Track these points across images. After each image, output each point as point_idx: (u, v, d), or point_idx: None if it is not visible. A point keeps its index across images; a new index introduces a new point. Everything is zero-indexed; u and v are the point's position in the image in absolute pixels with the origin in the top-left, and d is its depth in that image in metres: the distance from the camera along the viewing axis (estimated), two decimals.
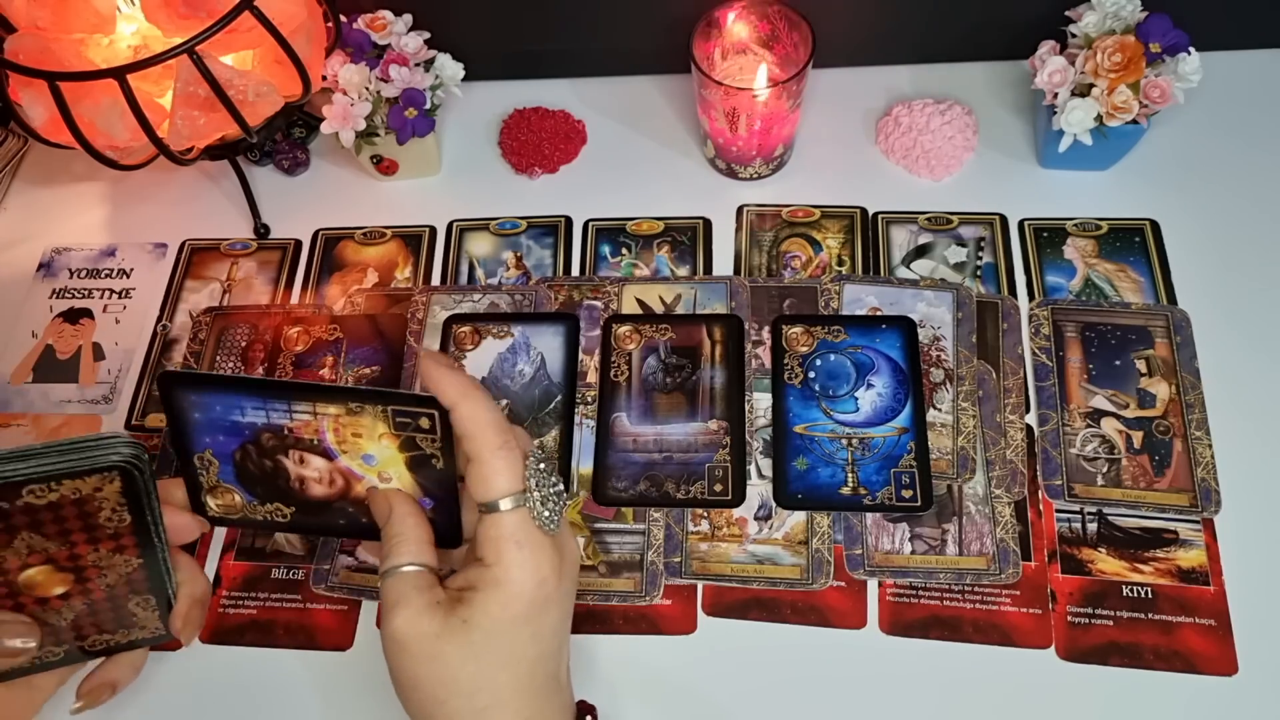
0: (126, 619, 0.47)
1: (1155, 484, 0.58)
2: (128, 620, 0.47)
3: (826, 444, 0.60)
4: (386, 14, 0.69)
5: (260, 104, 0.61)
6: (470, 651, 0.42)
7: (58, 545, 0.42)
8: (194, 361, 0.67)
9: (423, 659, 0.42)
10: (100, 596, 0.45)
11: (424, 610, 0.42)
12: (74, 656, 0.48)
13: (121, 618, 0.47)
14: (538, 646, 0.43)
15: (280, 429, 0.45)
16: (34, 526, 0.41)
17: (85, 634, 0.47)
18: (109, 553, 0.44)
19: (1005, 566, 0.56)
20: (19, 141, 0.79)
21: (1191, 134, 0.71)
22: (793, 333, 0.64)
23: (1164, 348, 0.62)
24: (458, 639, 0.42)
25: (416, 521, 0.45)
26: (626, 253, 0.70)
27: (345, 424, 0.44)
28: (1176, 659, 0.53)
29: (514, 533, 0.42)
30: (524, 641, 0.43)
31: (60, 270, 0.73)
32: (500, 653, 0.42)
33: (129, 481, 0.41)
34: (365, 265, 0.71)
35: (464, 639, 0.42)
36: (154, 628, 0.48)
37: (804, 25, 0.64)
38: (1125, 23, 0.63)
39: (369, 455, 0.45)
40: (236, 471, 0.46)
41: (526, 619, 0.43)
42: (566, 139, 0.75)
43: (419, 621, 0.42)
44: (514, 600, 0.42)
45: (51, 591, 0.44)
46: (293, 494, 0.47)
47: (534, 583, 0.43)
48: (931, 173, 0.71)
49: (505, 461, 0.42)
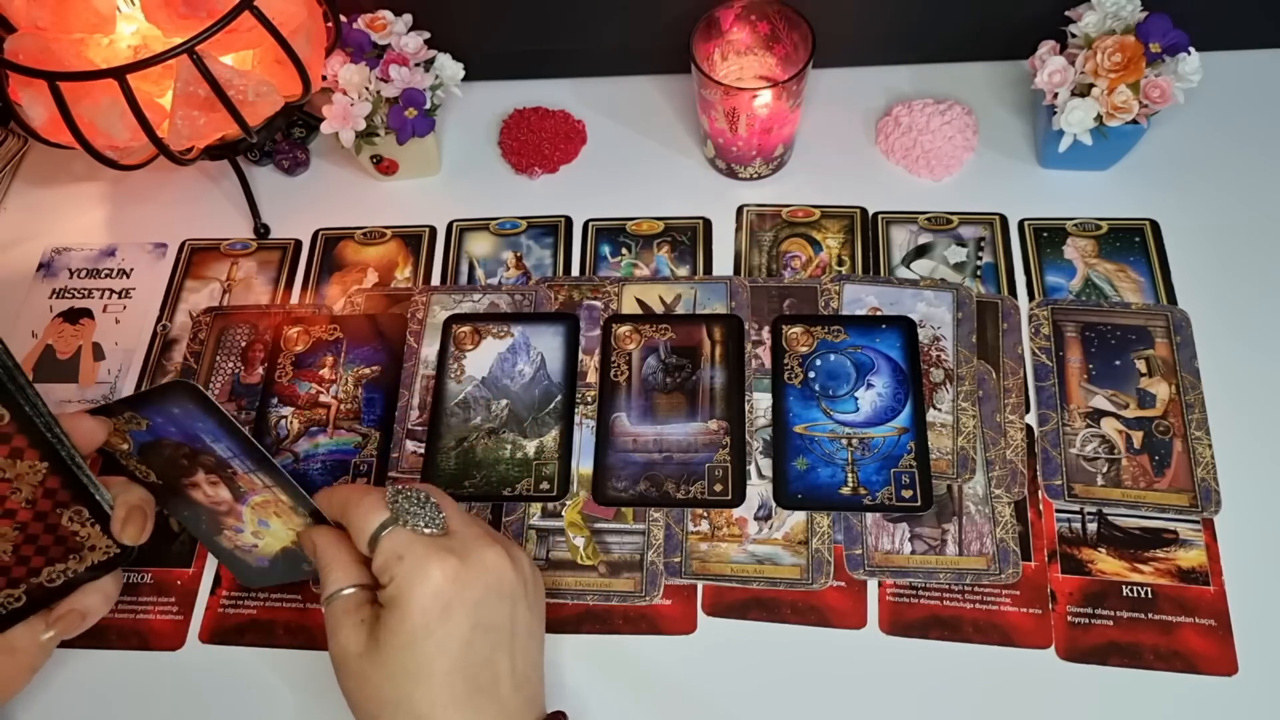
0: (70, 540, 0.47)
1: (1155, 484, 0.58)
2: (72, 542, 0.47)
3: (826, 444, 0.60)
4: (386, 14, 0.69)
5: (260, 104, 0.61)
6: (385, 671, 0.44)
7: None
8: (193, 361, 0.67)
9: (353, 677, 0.45)
10: (28, 517, 0.45)
11: (351, 632, 0.45)
12: (38, 599, 0.48)
13: (64, 539, 0.47)
14: (447, 657, 0.44)
15: (226, 467, 0.49)
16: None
17: (37, 568, 0.47)
18: (7, 460, 0.43)
19: (1005, 566, 0.56)
20: (19, 141, 0.79)
21: (1191, 134, 0.71)
22: (793, 333, 0.64)
23: (1164, 348, 0.62)
24: (374, 659, 0.44)
25: (339, 547, 0.48)
26: (626, 253, 0.70)
27: (278, 506, 0.51)
28: (1176, 659, 0.53)
29: (394, 548, 0.45)
30: (429, 654, 0.44)
31: (60, 270, 0.73)
32: (408, 668, 0.44)
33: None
34: (365, 265, 0.71)
35: (378, 658, 0.44)
36: (104, 545, 0.48)
37: (804, 25, 0.64)
38: (1125, 23, 0.63)
39: (265, 522, 0.52)
40: (150, 445, 0.49)
41: (426, 630, 0.44)
42: (566, 139, 0.75)
43: (348, 643, 0.45)
44: (409, 612, 0.44)
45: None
46: (174, 480, 0.50)
47: (426, 592, 0.44)
48: (931, 173, 0.71)
49: (365, 505, 0.47)
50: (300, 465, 0.62)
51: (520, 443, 0.62)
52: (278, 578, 0.55)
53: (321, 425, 0.63)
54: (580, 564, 0.58)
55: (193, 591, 0.59)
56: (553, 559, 0.58)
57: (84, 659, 0.57)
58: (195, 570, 0.60)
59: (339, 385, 0.65)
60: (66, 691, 0.57)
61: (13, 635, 0.48)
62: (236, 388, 0.66)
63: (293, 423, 0.63)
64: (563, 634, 0.56)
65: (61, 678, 0.57)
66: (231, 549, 0.54)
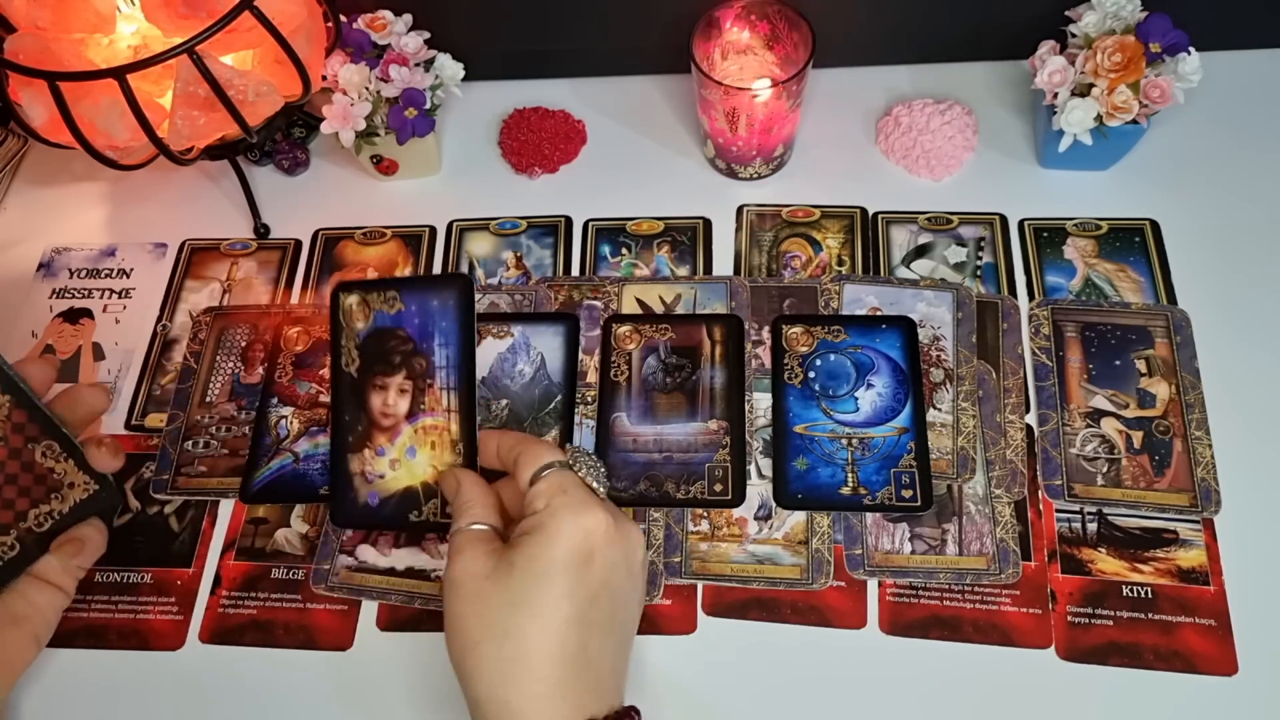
0: (48, 478, 0.48)
1: (1155, 484, 0.58)
2: (50, 480, 0.48)
3: (826, 444, 0.60)
4: (386, 14, 0.69)
5: (260, 104, 0.61)
6: (508, 595, 0.43)
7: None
8: (193, 361, 0.67)
9: (469, 598, 0.44)
10: (3, 455, 0.46)
11: (479, 555, 0.45)
12: (29, 546, 0.48)
13: (42, 478, 0.47)
14: (572, 605, 0.43)
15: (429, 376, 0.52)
16: None
17: (23, 511, 0.47)
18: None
19: (1005, 566, 0.56)
20: (19, 141, 0.79)
21: (1191, 134, 0.71)
22: (793, 333, 0.64)
23: (1164, 348, 0.62)
24: (500, 580, 0.43)
25: (483, 491, 0.48)
26: (626, 253, 0.70)
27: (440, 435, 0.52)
28: (1176, 659, 0.53)
29: (560, 483, 0.46)
30: (559, 593, 0.43)
31: (60, 270, 0.73)
32: (533, 599, 0.42)
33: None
34: (365, 265, 0.71)
35: (505, 580, 0.43)
36: (82, 481, 0.48)
37: (804, 25, 0.64)
38: (1125, 23, 0.63)
39: (414, 451, 0.52)
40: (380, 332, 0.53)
41: (565, 567, 0.43)
42: (566, 139, 0.75)
43: (473, 564, 0.44)
44: (555, 541, 0.43)
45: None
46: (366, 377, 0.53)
47: (577, 529, 0.44)
48: (931, 173, 0.71)
49: (542, 445, 0.48)
50: (301, 465, 0.62)
51: None
52: (372, 521, 0.55)
53: (322, 425, 0.63)
54: None
55: (193, 591, 0.59)
56: None
57: (84, 659, 0.57)
58: (195, 570, 0.60)
59: None
60: (67, 691, 0.57)
61: (14, 602, 0.49)
62: (236, 388, 0.66)
63: (293, 423, 0.63)
64: None
65: (62, 678, 0.57)
66: (356, 472, 0.54)
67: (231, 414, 0.65)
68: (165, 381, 0.67)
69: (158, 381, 0.67)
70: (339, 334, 0.55)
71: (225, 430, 0.64)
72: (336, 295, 0.55)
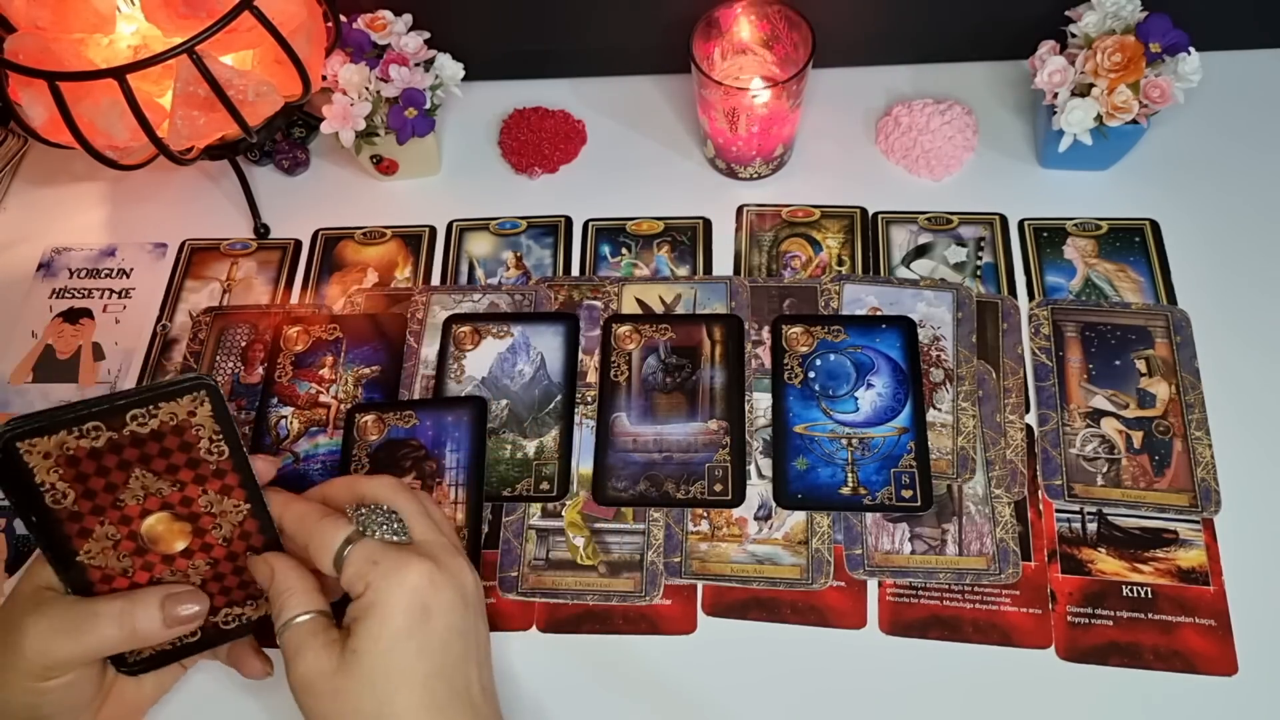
0: (252, 586, 0.48)
1: (1155, 484, 0.58)
2: (254, 588, 0.48)
3: (826, 444, 0.60)
4: (386, 14, 0.69)
5: (260, 104, 0.61)
6: (365, 680, 0.42)
7: (169, 486, 0.44)
8: (193, 361, 0.67)
9: (327, 697, 0.43)
10: (221, 554, 0.47)
11: (320, 651, 0.43)
12: (211, 639, 0.49)
13: (247, 584, 0.48)
14: (428, 660, 0.43)
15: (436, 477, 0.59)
16: (143, 462, 0.42)
17: (217, 607, 0.48)
18: (217, 495, 0.45)
19: (1005, 566, 0.56)
20: (19, 141, 0.79)
21: (1191, 134, 0.71)
22: (793, 333, 0.64)
23: (1164, 348, 0.62)
24: (352, 671, 0.43)
25: (300, 574, 0.46)
26: (626, 253, 0.70)
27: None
28: (1176, 659, 0.53)
29: (368, 556, 0.44)
30: (411, 657, 0.43)
31: (60, 270, 0.73)
32: (391, 674, 0.43)
33: (217, 402, 0.43)
34: (365, 265, 0.71)
35: (357, 669, 0.43)
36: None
37: (804, 25, 0.64)
38: (1125, 23, 0.63)
39: None
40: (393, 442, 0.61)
41: (408, 632, 0.43)
42: (566, 139, 0.75)
43: (318, 663, 0.43)
44: (390, 615, 0.43)
45: (174, 546, 0.45)
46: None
47: (405, 592, 0.43)
48: (931, 173, 0.71)
49: (328, 520, 0.46)
50: (300, 465, 0.62)
51: (520, 443, 0.62)
52: None
53: (322, 425, 0.63)
54: (580, 564, 0.58)
55: None
56: (553, 559, 0.58)
57: None
58: None
59: (339, 385, 0.65)
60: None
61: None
62: (236, 388, 0.66)
63: (293, 423, 0.63)
64: (563, 634, 0.56)
65: None
66: None
67: (232, 414, 0.65)
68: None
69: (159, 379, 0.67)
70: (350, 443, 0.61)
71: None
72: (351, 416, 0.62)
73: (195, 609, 0.46)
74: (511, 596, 0.57)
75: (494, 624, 0.57)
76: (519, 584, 0.58)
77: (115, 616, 0.44)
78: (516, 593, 0.57)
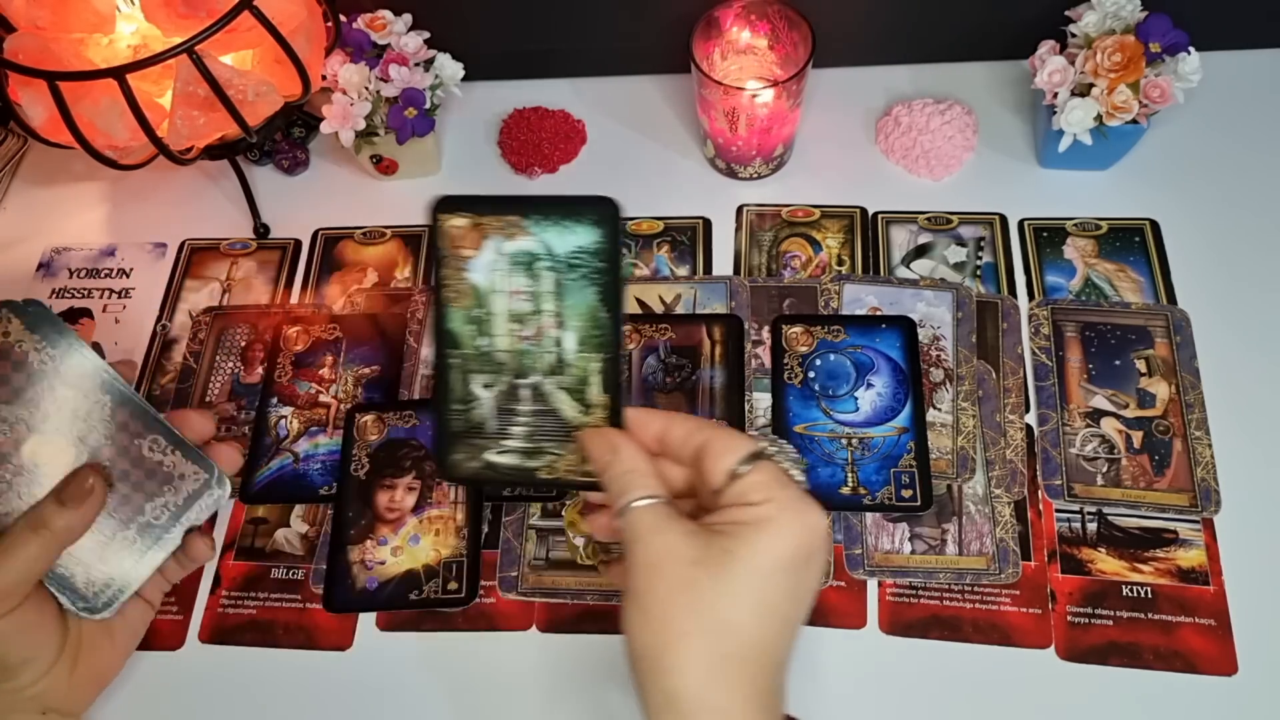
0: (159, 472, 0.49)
1: (1155, 484, 0.58)
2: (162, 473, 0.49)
3: (826, 444, 0.60)
4: (386, 14, 0.69)
5: (260, 104, 0.61)
6: (727, 586, 0.38)
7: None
8: (193, 361, 0.67)
9: (677, 585, 0.38)
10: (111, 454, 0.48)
11: (683, 536, 0.39)
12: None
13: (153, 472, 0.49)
14: (794, 607, 0.39)
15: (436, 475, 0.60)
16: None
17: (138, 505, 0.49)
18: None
19: (1005, 566, 0.56)
20: (19, 141, 0.79)
21: (1191, 134, 0.71)
22: (793, 332, 0.64)
23: (1164, 348, 0.62)
24: (716, 569, 0.38)
25: (646, 460, 0.42)
26: (626, 252, 0.70)
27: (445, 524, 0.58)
28: (1176, 659, 0.53)
29: (779, 476, 0.40)
30: (782, 595, 0.39)
31: (60, 270, 0.73)
32: (756, 597, 0.38)
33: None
34: (365, 265, 0.71)
35: (724, 570, 0.38)
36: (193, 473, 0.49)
37: (804, 25, 0.64)
38: (1125, 22, 0.63)
39: (418, 539, 0.58)
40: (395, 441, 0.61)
41: (791, 566, 0.39)
42: (566, 139, 0.75)
43: (678, 546, 0.39)
44: (782, 538, 0.39)
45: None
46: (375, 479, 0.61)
47: (804, 528, 0.39)
48: (931, 173, 0.71)
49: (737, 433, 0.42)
50: (300, 465, 0.62)
51: None
52: (371, 604, 0.57)
53: (321, 425, 0.63)
54: (580, 564, 0.58)
55: (193, 591, 0.59)
56: (553, 559, 0.58)
57: None
58: (195, 570, 0.60)
59: (339, 385, 0.65)
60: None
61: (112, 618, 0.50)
62: (236, 387, 0.66)
63: (293, 422, 0.63)
64: (563, 634, 0.56)
65: None
66: (355, 561, 0.58)
67: (231, 414, 0.65)
68: (165, 381, 0.67)
69: (157, 381, 0.67)
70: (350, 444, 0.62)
71: (225, 430, 0.64)
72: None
73: (90, 482, 0.47)
74: (511, 596, 0.57)
75: (494, 624, 0.57)
76: (519, 584, 0.58)
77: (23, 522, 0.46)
78: (516, 592, 0.57)
